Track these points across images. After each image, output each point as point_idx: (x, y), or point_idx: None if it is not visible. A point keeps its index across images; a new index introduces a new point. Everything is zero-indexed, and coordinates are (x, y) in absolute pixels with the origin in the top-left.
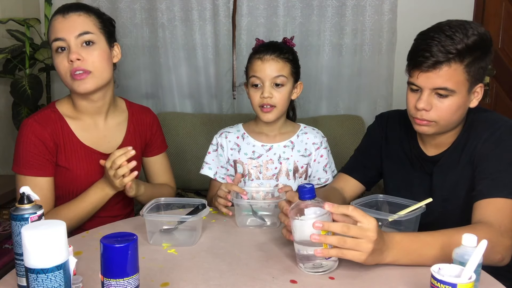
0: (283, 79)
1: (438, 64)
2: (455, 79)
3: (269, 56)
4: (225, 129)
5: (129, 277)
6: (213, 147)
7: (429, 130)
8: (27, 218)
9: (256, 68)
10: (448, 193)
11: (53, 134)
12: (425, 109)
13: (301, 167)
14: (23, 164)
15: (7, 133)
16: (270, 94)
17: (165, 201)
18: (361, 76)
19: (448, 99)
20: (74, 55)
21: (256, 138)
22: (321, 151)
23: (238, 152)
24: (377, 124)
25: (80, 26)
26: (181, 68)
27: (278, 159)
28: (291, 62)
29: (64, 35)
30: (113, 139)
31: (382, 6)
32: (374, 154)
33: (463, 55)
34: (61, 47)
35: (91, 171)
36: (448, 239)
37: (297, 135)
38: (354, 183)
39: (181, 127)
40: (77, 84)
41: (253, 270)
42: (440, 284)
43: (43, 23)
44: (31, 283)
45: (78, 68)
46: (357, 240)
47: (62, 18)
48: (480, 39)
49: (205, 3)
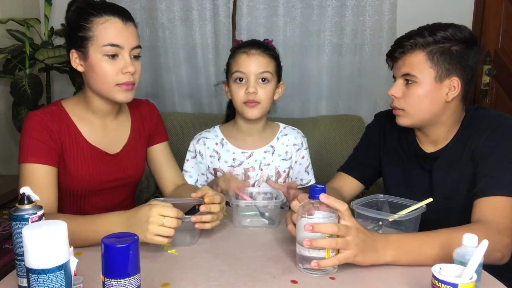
0: (268, 75)
1: (402, 53)
2: (416, 66)
3: (255, 50)
4: (202, 135)
5: (130, 277)
6: (191, 154)
7: (405, 121)
8: (27, 218)
9: (241, 62)
10: (449, 190)
11: (59, 130)
12: (394, 95)
13: (283, 171)
14: (27, 151)
15: (7, 133)
16: (255, 90)
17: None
18: (361, 76)
19: (414, 86)
20: (131, 67)
21: (235, 145)
22: (302, 152)
23: (218, 160)
24: (375, 123)
25: (135, 38)
26: (181, 68)
27: (259, 165)
28: (275, 60)
29: (122, 43)
30: (119, 139)
31: (382, 6)
32: (373, 153)
33: (427, 44)
34: (115, 54)
35: (96, 171)
36: (447, 238)
37: (277, 137)
38: (353, 182)
39: (181, 127)
40: (125, 95)
41: (254, 270)
42: (441, 284)
43: (43, 23)
44: (32, 283)
45: (131, 81)
46: (345, 239)
47: (123, 25)
48: (450, 34)
49: (205, 3)
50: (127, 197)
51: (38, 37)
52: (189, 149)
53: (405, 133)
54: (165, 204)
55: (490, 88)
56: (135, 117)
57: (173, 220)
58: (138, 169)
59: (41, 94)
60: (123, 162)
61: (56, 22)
